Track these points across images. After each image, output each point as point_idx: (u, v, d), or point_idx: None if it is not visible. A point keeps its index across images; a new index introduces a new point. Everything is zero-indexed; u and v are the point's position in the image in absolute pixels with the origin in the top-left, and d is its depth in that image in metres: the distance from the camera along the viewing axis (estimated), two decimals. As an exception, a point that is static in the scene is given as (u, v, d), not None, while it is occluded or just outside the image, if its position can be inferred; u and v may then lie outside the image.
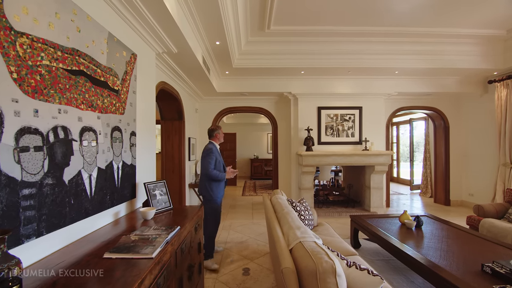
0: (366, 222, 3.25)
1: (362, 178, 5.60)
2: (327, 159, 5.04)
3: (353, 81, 5.33)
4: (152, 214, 2.00)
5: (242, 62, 4.52)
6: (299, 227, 1.89)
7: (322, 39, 4.25)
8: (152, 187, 2.25)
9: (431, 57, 4.53)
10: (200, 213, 2.29)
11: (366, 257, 3.19)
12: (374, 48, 4.43)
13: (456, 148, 5.85)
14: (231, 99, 5.75)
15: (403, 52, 4.48)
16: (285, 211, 2.33)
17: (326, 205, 5.62)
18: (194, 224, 2.09)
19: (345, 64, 4.62)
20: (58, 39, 1.37)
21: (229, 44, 3.64)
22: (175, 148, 4.51)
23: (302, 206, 3.09)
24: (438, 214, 5.12)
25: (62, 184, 1.40)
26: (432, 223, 3.17)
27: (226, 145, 9.20)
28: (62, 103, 1.40)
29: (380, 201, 5.20)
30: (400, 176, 9.54)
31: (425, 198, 6.76)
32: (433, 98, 5.74)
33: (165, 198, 2.32)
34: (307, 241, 1.60)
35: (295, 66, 4.63)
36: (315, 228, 3.17)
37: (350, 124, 5.40)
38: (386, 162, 5.06)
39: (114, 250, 1.35)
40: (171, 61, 3.36)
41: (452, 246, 2.45)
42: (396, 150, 9.76)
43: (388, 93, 5.29)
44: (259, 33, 4.04)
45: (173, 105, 4.34)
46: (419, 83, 5.30)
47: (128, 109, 2.13)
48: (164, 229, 1.70)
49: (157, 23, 2.42)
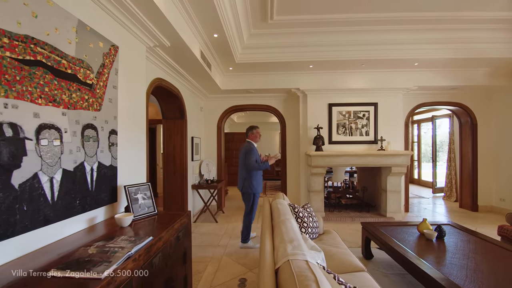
0: (378, 230, 2.90)
1: (377, 180, 5.17)
2: (338, 160, 4.68)
3: (367, 75, 4.93)
4: (128, 221, 1.81)
5: (245, 57, 4.28)
6: (292, 240, 1.62)
7: (331, 29, 3.91)
8: (134, 190, 2.06)
9: (455, 45, 4.05)
10: (185, 220, 2.07)
11: (379, 270, 2.84)
12: (390, 38, 4.02)
13: (485, 148, 5.26)
14: (237, 97, 5.53)
15: (423, 41, 4.03)
16: (281, 219, 2.06)
17: (338, 209, 5.25)
18: (176, 233, 1.88)
19: (358, 56, 4.24)
20: (3, 24, 1.20)
21: (229, 37, 3.41)
22: (176, 148, 4.36)
23: (306, 212, 2.80)
24: (464, 221, 4.61)
25: (10, 188, 1.22)
26: (456, 234, 2.76)
27: (236, 144, 9.01)
28: (10, 96, 1.23)
29: (397, 206, 4.76)
30: (422, 178, 8.89)
31: (449, 203, 6.18)
32: (458, 92, 5.19)
33: (149, 203, 2.12)
34: (296, 260, 1.33)
35: (302, 60, 4.32)
36: (320, 236, 2.87)
37: (364, 122, 5.00)
38: (404, 163, 4.62)
39: (62, 267, 1.15)
40: (166, 56, 3.18)
41: (481, 264, 2.06)
42: (418, 150, 9.11)
43: (407, 87, 4.83)
44: (262, 25, 3.78)
45: (174, 103, 4.18)
46: (442, 76, 4.80)
47: (107, 105, 1.96)
48: (133, 239, 1.50)
49: (142, 13, 2.23)
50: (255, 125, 3.69)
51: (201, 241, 3.79)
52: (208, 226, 4.48)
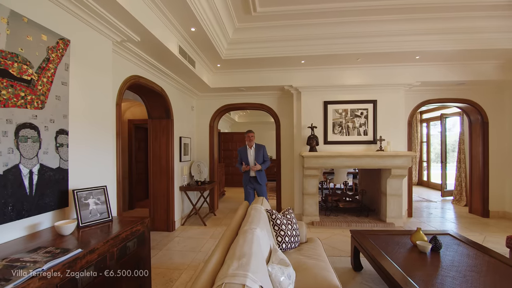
0: (366, 240, 2.62)
1: (377, 183, 4.84)
2: (333, 161, 4.40)
3: (365, 70, 4.61)
4: (69, 229, 1.65)
5: (232, 53, 4.08)
6: (242, 255, 1.40)
7: (322, 21, 3.64)
8: (85, 194, 1.90)
9: (461, 36, 3.68)
10: (139, 227, 1.89)
11: (367, 284, 2.57)
12: (387, 29, 3.70)
13: (497, 149, 4.82)
14: (230, 96, 5.33)
15: (424, 32, 3.69)
16: (245, 229, 1.84)
17: (335, 213, 4.96)
18: (122, 242, 1.70)
19: (352, 49, 3.95)
20: None
21: (209, 31, 3.22)
22: (162, 148, 4.21)
23: (285, 219, 2.57)
24: (473, 228, 4.22)
25: None
26: (455, 246, 2.44)
27: (236, 144, 8.83)
28: None
29: (398, 211, 4.42)
30: (431, 179, 8.40)
31: (459, 207, 5.74)
32: (466, 88, 4.78)
33: (102, 208, 1.96)
34: (231, 284, 1.11)
35: (293, 55, 4.07)
36: (301, 246, 2.62)
37: (362, 121, 4.69)
38: (405, 164, 4.28)
39: None
40: (141, 52, 3.02)
41: (478, 286, 1.76)
42: (426, 150, 8.63)
43: (408, 83, 4.47)
44: (247, 18, 3.56)
45: (159, 102, 4.03)
46: (447, 70, 4.42)
47: (52, 103, 1.80)
48: (58, 252, 1.33)
49: (99, 5, 2.07)
50: (249, 130, 4.16)
51: (183, 245, 3.62)
52: (195, 229, 4.31)
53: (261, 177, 4.09)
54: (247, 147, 4.12)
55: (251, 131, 4.14)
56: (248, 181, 4.09)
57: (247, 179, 4.10)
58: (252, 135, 4.10)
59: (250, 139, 4.10)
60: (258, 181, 4.07)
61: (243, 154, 4.11)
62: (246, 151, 4.10)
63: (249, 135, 4.10)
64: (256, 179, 4.08)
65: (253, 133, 4.13)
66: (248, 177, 4.10)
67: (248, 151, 4.10)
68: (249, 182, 4.09)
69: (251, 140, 4.10)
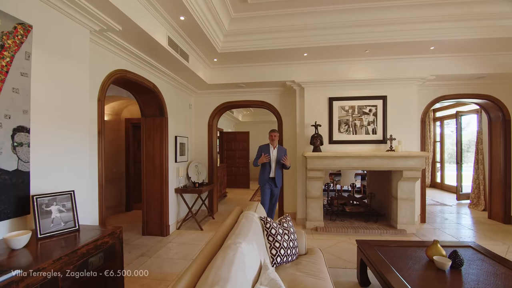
0: (375, 253, 2.30)
1: (387, 186, 4.48)
2: (338, 162, 4.07)
3: (373, 63, 4.26)
4: (22, 242, 1.41)
5: (229, 46, 3.80)
6: (216, 281, 1.12)
7: (326, 8, 3.31)
8: (47, 201, 1.66)
9: (482, 23, 3.30)
10: (107, 240, 1.64)
11: (375, 303, 2.25)
12: (400, 16, 3.35)
13: (522, 148, 4.39)
14: (229, 93, 5.06)
15: (440, 18, 3.32)
16: (228, 243, 1.56)
17: (341, 218, 4.62)
18: (81, 259, 1.45)
19: (360, 40, 3.62)
20: None
21: (200, 20, 2.96)
22: (156, 148, 3.98)
23: (281, 228, 2.28)
24: (493, 237, 3.83)
25: None
26: (479, 263, 2.10)
27: (239, 144, 8.56)
28: None
29: (410, 216, 4.05)
30: (445, 181, 7.92)
31: (476, 212, 5.30)
32: (487, 82, 4.36)
33: (68, 216, 1.72)
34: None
35: (295, 47, 3.76)
36: (300, 258, 2.33)
37: (371, 118, 4.33)
38: (418, 166, 3.91)
39: None
40: (126, 44, 2.78)
41: (512, 316, 1.43)
42: (440, 150, 8.15)
43: (422, 77, 4.10)
44: (243, 7, 3.28)
45: (151, 99, 3.80)
46: (465, 63, 4.02)
47: (8, 96, 1.57)
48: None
49: (68, -16, 1.83)
50: (273, 129, 4.00)
51: (175, 252, 3.38)
52: (191, 234, 4.07)
53: (278, 179, 3.90)
54: (270, 146, 3.91)
55: (275, 130, 3.95)
56: (265, 180, 3.86)
57: (265, 178, 3.86)
58: (275, 134, 3.90)
59: (273, 139, 3.89)
60: (276, 183, 3.87)
61: (266, 152, 3.85)
62: (268, 150, 3.89)
63: (272, 134, 3.89)
64: (274, 180, 3.87)
65: (277, 132, 3.94)
66: (266, 177, 3.86)
67: (271, 150, 3.89)
68: (267, 182, 3.86)
69: (273, 139, 3.89)
